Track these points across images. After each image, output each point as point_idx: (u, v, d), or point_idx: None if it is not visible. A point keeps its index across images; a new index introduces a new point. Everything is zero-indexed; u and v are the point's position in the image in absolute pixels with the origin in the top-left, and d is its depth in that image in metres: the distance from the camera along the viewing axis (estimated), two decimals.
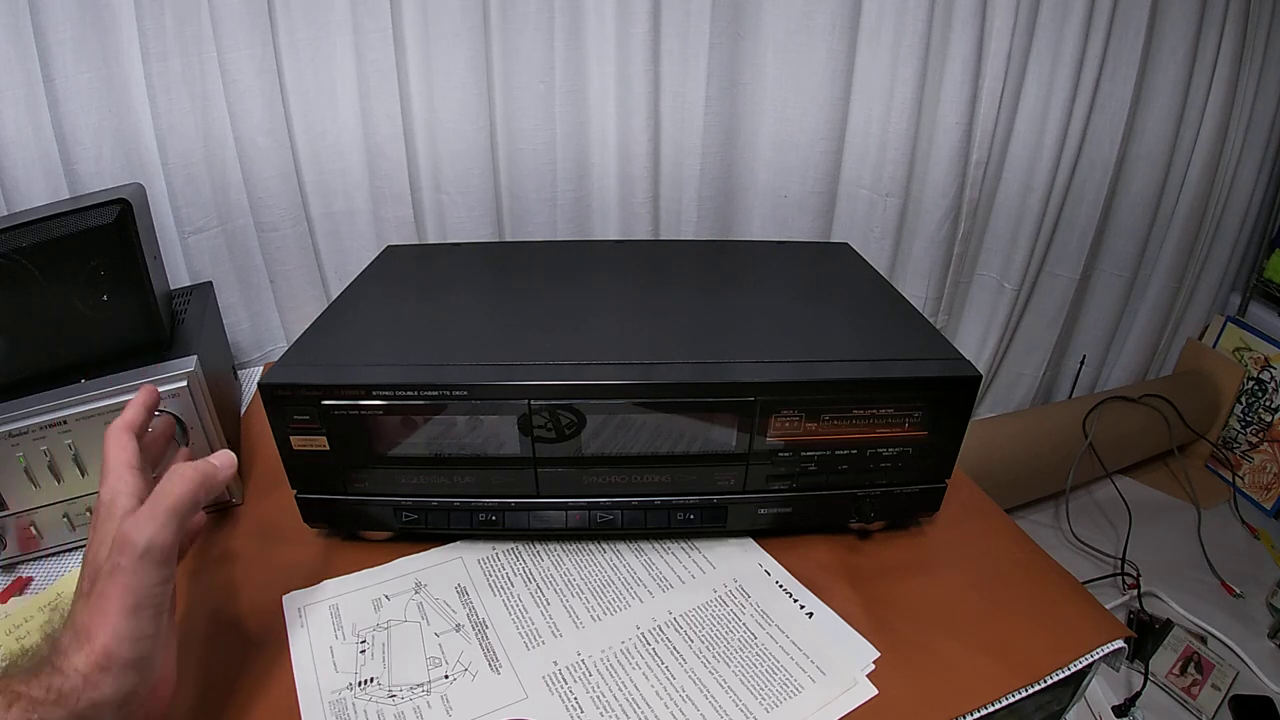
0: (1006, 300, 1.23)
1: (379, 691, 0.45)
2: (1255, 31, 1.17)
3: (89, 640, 0.33)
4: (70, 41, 0.71)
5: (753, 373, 0.50)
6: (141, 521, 0.36)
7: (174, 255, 0.85)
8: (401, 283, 0.71)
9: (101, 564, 0.35)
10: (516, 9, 0.83)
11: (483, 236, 0.93)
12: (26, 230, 0.53)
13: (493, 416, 0.50)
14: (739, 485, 0.53)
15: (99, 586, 0.35)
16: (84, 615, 0.34)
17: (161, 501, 0.37)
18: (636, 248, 0.89)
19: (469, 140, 0.87)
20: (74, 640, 0.33)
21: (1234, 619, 1.17)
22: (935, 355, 0.53)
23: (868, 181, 1.06)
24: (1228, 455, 1.48)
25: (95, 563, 0.36)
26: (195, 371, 0.56)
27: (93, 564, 0.36)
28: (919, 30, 0.95)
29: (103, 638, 0.33)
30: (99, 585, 0.35)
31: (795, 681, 0.45)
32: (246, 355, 0.93)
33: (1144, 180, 1.23)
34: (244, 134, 0.81)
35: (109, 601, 0.34)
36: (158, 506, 0.37)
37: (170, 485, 0.38)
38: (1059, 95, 1.07)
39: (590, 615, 0.51)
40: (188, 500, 0.38)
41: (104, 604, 0.34)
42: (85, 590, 0.35)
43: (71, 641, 0.33)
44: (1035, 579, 0.55)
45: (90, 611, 0.34)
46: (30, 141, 0.75)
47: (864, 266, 0.74)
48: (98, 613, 0.34)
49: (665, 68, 0.91)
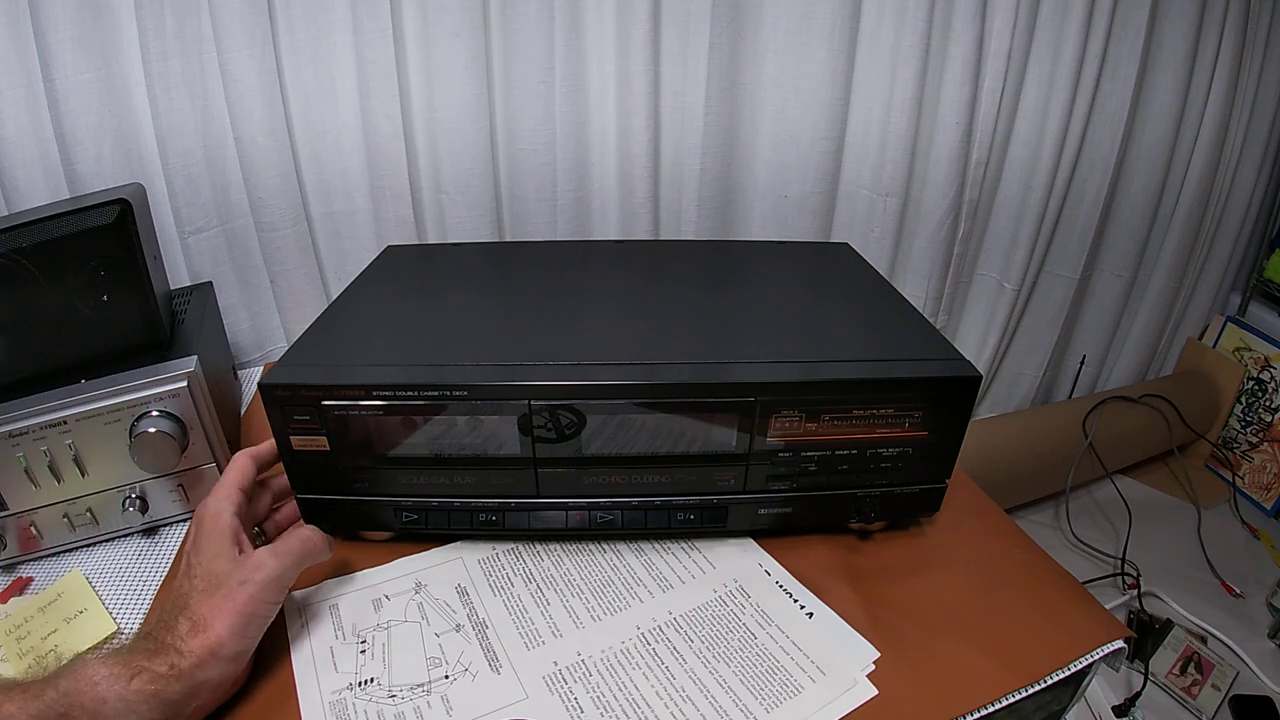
0: (1006, 300, 1.23)
1: (379, 691, 0.45)
2: (1255, 31, 1.17)
3: (207, 630, 0.40)
4: (70, 41, 0.71)
5: (753, 373, 0.50)
6: (278, 555, 0.45)
7: (174, 255, 0.85)
8: (401, 283, 0.70)
9: (229, 576, 0.43)
10: (516, 9, 0.83)
11: (483, 236, 0.93)
12: (26, 230, 0.53)
13: (493, 417, 0.50)
14: (739, 485, 0.53)
15: (225, 590, 0.42)
16: (204, 609, 0.41)
17: (295, 547, 0.47)
18: (636, 248, 0.89)
19: (469, 140, 0.87)
20: (192, 629, 0.40)
21: (1234, 619, 1.17)
22: (935, 355, 0.53)
23: (868, 181, 1.06)
24: (1228, 455, 1.48)
25: (218, 572, 0.43)
26: (195, 371, 0.56)
27: (215, 574, 0.43)
28: (919, 30, 0.95)
29: (220, 630, 0.40)
30: (225, 590, 0.42)
31: (795, 681, 0.45)
32: (246, 355, 0.93)
33: (1144, 180, 1.23)
34: (244, 134, 0.81)
35: (233, 604, 0.41)
36: (292, 551, 0.46)
37: (303, 537, 0.48)
38: (1059, 95, 1.07)
39: (590, 615, 0.51)
40: (308, 556, 0.48)
41: (228, 605, 0.41)
42: (205, 590, 0.42)
43: (190, 630, 0.40)
44: (1035, 579, 0.55)
45: (212, 608, 0.41)
46: (30, 141, 0.75)
47: (864, 266, 0.74)
48: (220, 611, 0.41)
49: (665, 68, 0.91)
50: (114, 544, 0.59)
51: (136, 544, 0.59)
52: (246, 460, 0.50)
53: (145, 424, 0.54)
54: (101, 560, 0.57)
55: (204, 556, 0.44)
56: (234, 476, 0.49)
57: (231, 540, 0.45)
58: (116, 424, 0.54)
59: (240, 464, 0.50)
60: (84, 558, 0.58)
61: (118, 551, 0.58)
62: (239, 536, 0.46)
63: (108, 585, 0.55)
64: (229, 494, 0.47)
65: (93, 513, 0.57)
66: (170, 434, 0.54)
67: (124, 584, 0.55)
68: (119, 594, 0.54)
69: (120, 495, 0.57)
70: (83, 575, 0.55)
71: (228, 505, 0.47)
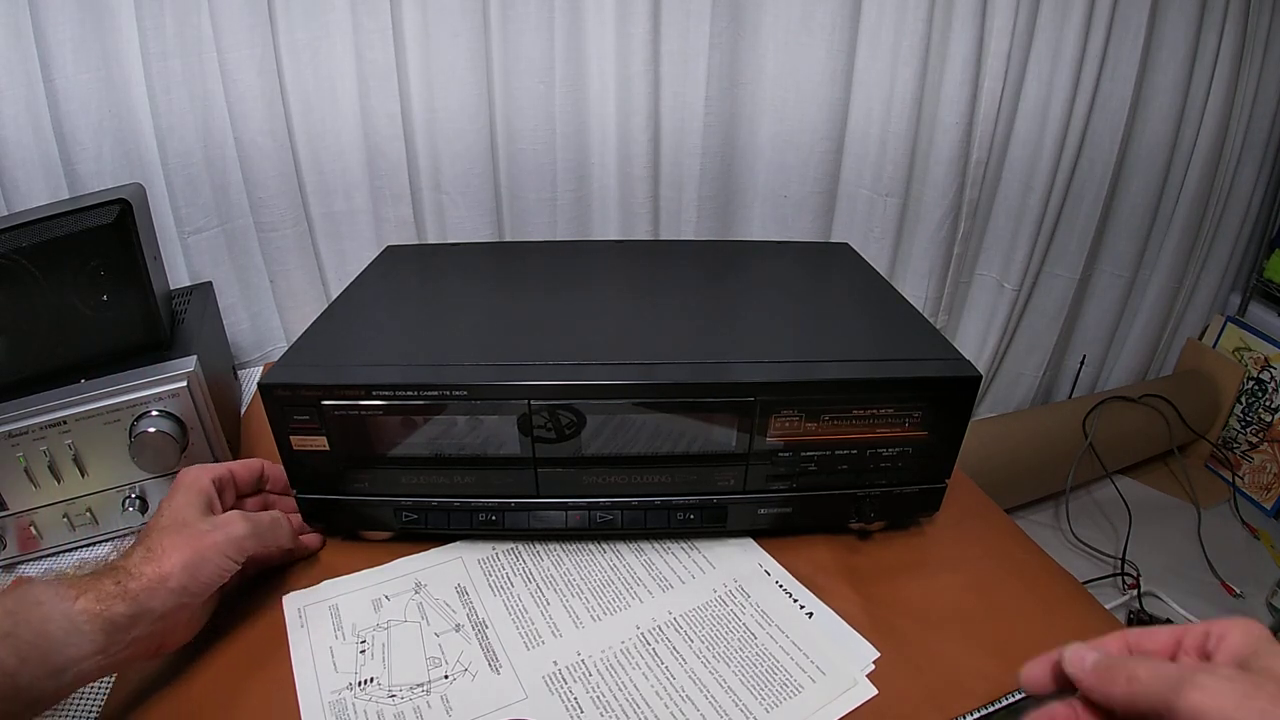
0: (1006, 300, 1.23)
1: (379, 691, 0.45)
2: (1255, 31, 1.17)
3: (160, 559, 0.42)
4: (70, 41, 0.71)
5: (753, 373, 0.50)
6: (248, 519, 0.47)
7: (174, 255, 0.85)
8: (401, 283, 0.71)
9: (194, 523, 0.45)
10: (516, 9, 0.83)
11: (483, 236, 0.93)
12: (26, 230, 0.53)
13: (493, 416, 0.50)
14: (739, 485, 0.53)
15: (187, 534, 0.44)
16: (162, 541, 0.43)
17: (265, 519, 0.49)
18: (636, 248, 0.89)
19: (469, 140, 0.87)
20: (146, 556, 0.42)
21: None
22: (935, 355, 0.53)
23: (868, 181, 1.06)
24: (1228, 455, 1.48)
25: (184, 517, 0.45)
26: (195, 371, 0.56)
27: (181, 517, 0.45)
28: (919, 30, 0.95)
29: (173, 561, 0.42)
30: (187, 533, 0.44)
31: (795, 681, 0.45)
32: (246, 355, 0.93)
33: (1144, 180, 1.23)
34: (244, 134, 0.81)
35: (192, 545, 0.43)
36: (262, 520, 0.49)
37: (274, 515, 0.51)
38: (1059, 95, 1.07)
39: (590, 615, 0.51)
40: (275, 530, 0.50)
41: (188, 544, 0.43)
42: (167, 527, 0.44)
43: (144, 557, 0.42)
44: (1035, 579, 0.55)
45: (171, 543, 0.43)
46: (30, 141, 0.75)
47: (864, 267, 0.74)
48: (177, 546, 0.43)
49: (665, 68, 0.91)
50: (114, 544, 0.59)
51: None
52: (241, 466, 0.53)
53: (145, 424, 0.54)
54: (101, 560, 0.57)
55: (175, 504, 0.46)
56: (223, 466, 0.51)
57: (204, 498, 0.47)
58: (116, 424, 0.54)
59: (234, 464, 0.53)
60: (84, 558, 0.57)
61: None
62: (213, 502, 0.48)
63: None
64: (214, 468, 0.50)
65: (93, 513, 0.57)
66: (170, 434, 0.54)
67: None
68: None
69: (120, 495, 0.57)
70: None
71: (207, 473, 0.49)
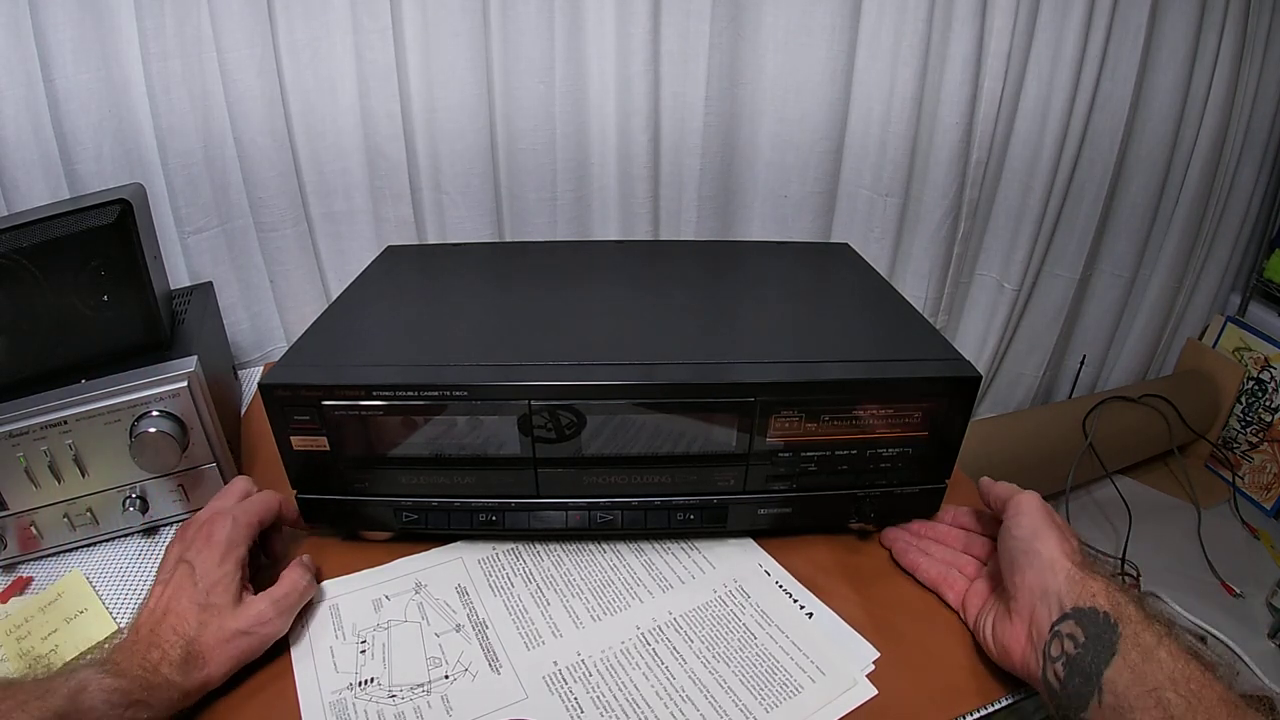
0: (1006, 300, 1.23)
1: (379, 691, 0.45)
2: (1255, 31, 1.17)
3: (205, 666, 0.43)
4: (70, 41, 0.71)
5: (753, 373, 0.50)
6: (281, 611, 0.47)
7: (174, 255, 0.85)
8: (401, 283, 0.71)
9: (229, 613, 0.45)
10: (516, 9, 0.83)
11: (483, 236, 0.93)
12: (27, 230, 0.53)
13: (493, 417, 0.50)
14: (739, 485, 0.53)
15: (226, 635, 0.44)
16: (204, 642, 0.43)
17: (294, 600, 0.48)
18: (636, 248, 0.89)
19: (469, 140, 0.87)
20: (188, 660, 0.42)
21: (1234, 619, 1.17)
22: (935, 356, 0.53)
23: (868, 181, 1.06)
24: (1228, 455, 1.48)
25: (219, 604, 0.45)
26: (195, 372, 0.56)
27: (215, 603, 0.45)
28: (919, 30, 0.95)
29: (215, 670, 0.43)
30: (226, 633, 0.44)
31: (795, 682, 0.45)
32: (246, 355, 0.93)
33: (1144, 180, 1.23)
34: (244, 134, 0.81)
35: (233, 651, 0.44)
36: (292, 606, 0.48)
37: (300, 588, 0.49)
38: (1059, 95, 1.07)
39: (590, 615, 0.51)
40: (302, 603, 0.49)
41: (229, 651, 0.44)
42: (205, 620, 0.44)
43: (185, 659, 0.42)
44: None
45: (213, 648, 0.43)
46: (30, 141, 0.75)
47: (864, 267, 0.74)
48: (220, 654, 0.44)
49: (665, 68, 0.91)
50: (114, 544, 0.59)
51: (136, 544, 0.59)
52: (275, 501, 0.52)
53: (145, 424, 0.54)
54: (101, 560, 0.57)
55: (209, 576, 0.45)
56: (258, 508, 0.50)
57: (238, 570, 0.47)
58: (116, 424, 0.54)
59: (269, 502, 0.52)
60: (84, 558, 0.58)
61: (118, 551, 0.58)
62: (245, 569, 0.48)
63: (108, 585, 0.55)
64: (248, 525, 0.49)
65: (93, 513, 0.57)
66: (170, 434, 0.54)
67: (124, 584, 0.55)
68: (119, 594, 0.54)
69: (120, 495, 0.57)
70: (83, 575, 0.55)
71: (244, 535, 0.48)
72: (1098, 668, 0.37)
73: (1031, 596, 0.42)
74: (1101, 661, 0.37)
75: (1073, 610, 0.40)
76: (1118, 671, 0.37)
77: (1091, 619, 0.39)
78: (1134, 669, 0.36)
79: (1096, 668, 0.37)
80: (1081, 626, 0.39)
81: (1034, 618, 0.42)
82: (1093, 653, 0.38)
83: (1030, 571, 0.43)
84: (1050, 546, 0.43)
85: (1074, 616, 0.40)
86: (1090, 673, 0.38)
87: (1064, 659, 0.39)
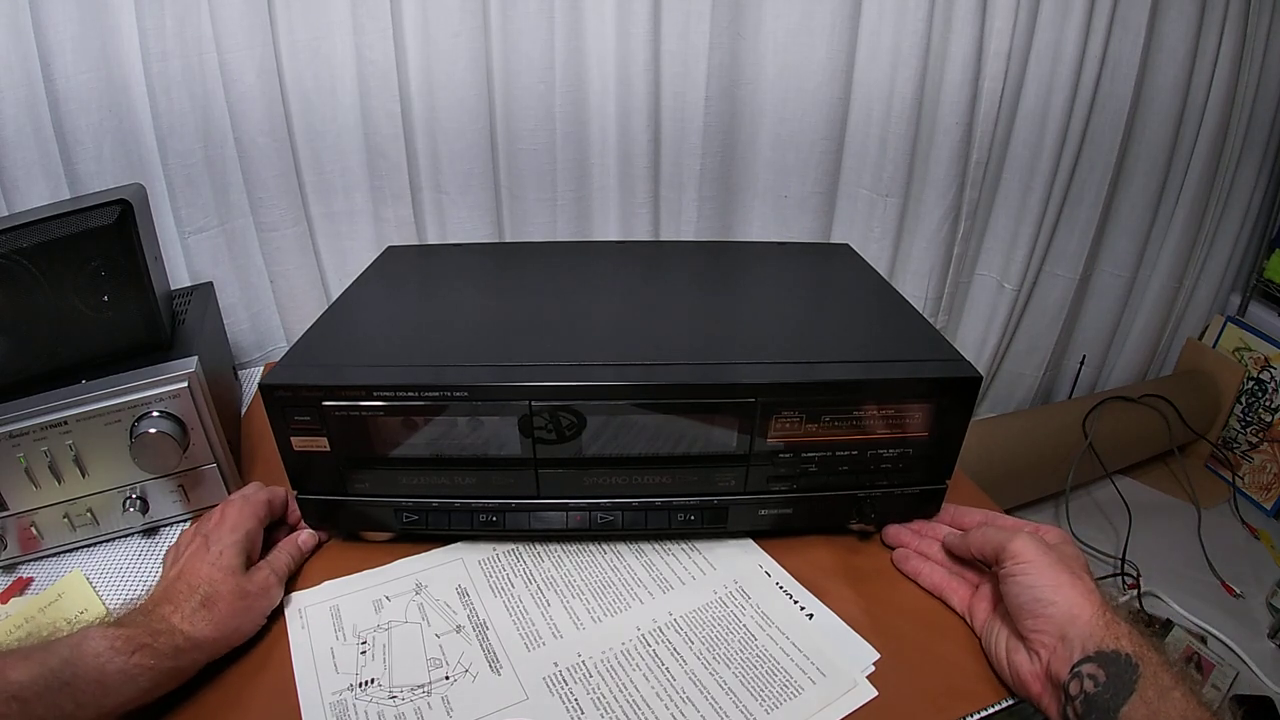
0: (1006, 300, 1.23)
1: (380, 692, 0.45)
2: (1255, 31, 1.17)
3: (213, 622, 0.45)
4: (70, 41, 0.71)
5: (753, 374, 0.50)
6: (278, 588, 0.51)
7: (174, 255, 0.85)
8: (401, 283, 0.71)
9: (241, 582, 0.48)
10: (516, 8, 0.83)
11: (483, 236, 0.93)
12: (27, 230, 0.53)
13: (493, 417, 0.50)
14: (739, 486, 0.53)
15: (236, 599, 0.47)
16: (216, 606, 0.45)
17: (288, 563, 0.53)
18: (637, 248, 0.89)
19: (469, 140, 0.87)
20: (198, 615, 0.44)
21: (1234, 619, 1.17)
22: (935, 356, 0.53)
23: (868, 181, 1.06)
24: (1228, 455, 1.48)
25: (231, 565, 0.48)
26: (196, 372, 0.56)
27: (229, 564, 0.48)
28: (919, 30, 0.95)
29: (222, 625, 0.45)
30: (236, 598, 0.47)
31: (795, 683, 0.45)
32: (247, 355, 0.93)
33: (1144, 180, 1.23)
34: (244, 134, 0.81)
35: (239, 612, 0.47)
36: (289, 568, 0.53)
37: (290, 551, 0.54)
38: (1058, 95, 1.07)
39: (591, 616, 0.51)
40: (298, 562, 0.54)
41: (234, 612, 0.46)
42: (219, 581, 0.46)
43: (197, 615, 0.44)
44: None
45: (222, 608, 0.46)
46: (30, 141, 0.75)
47: (864, 267, 0.74)
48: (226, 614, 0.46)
49: (665, 68, 0.91)
50: (114, 544, 0.59)
51: (137, 544, 0.59)
52: (283, 492, 0.56)
53: (146, 424, 0.54)
54: (102, 560, 0.57)
55: (221, 543, 0.49)
56: (266, 494, 0.54)
57: (248, 542, 0.50)
58: (117, 424, 0.54)
59: (278, 490, 0.55)
60: (84, 558, 0.58)
61: (118, 552, 0.58)
62: (254, 545, 0.51)
63: (108, 585, 0.55)
64: (257, 505, 0.53)
65: (93, 513, 0.57)
66: (170, 434, 0.54)
67: (124, 584, 0.55)
68: (119, 594, 0.54)
69: (120, 495, 0.57)
70: (83, 575, 0.55)
71: (253, 513, 0.52)
72: (1116, 705, 0.38)
73: (1050, 640, 0.42)
74: (1120, 700, 0.38)
75: (1096, 654, 0.40)
76: (1134, 708, 0.37)
77: (1114, 661, 0.39)
78: (1149, 705, 0.37)
79: (1115, 705, 0.38)
80: (1103, 668, 0.39)
81: (1052, 659, 0.42)
82: (1112, 691, 0.38)
83: (1043, 619, 0.42)
84: (1066, 595, 0.42)
85: (1096, 660, 0.39)
86: (1108, 709, 0.38)
87: (1083, 697, 0.39)
